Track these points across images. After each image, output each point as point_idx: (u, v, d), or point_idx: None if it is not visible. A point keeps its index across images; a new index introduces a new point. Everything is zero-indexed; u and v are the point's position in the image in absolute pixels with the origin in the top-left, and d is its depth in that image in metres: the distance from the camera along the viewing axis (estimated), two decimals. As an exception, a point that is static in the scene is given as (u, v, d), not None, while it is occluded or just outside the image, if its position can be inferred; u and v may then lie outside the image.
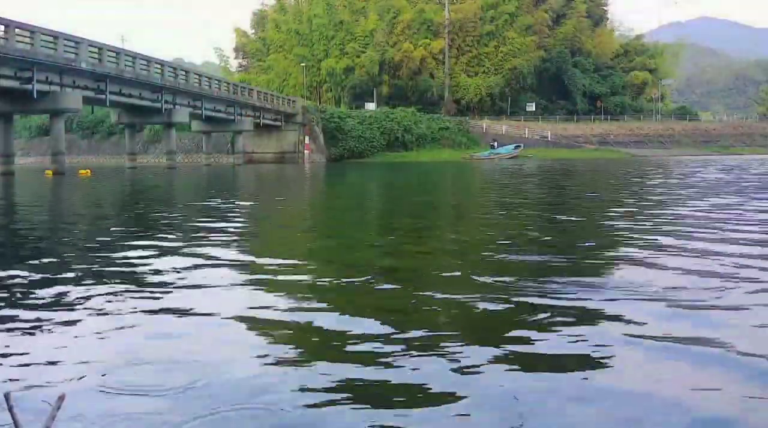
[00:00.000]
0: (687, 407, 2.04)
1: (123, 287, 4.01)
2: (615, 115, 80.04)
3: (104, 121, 61.38)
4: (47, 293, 3.86)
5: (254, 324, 3.13)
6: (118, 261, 5.08)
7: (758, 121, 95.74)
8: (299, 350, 2.71)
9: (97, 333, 3.00)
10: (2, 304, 3.60)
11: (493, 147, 62.49)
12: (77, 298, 3.71)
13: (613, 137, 73.59)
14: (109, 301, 3.62)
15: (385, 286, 3.98)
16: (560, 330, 2.90)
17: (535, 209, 10.03)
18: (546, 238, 6.27)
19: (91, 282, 4.21)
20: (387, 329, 2.98)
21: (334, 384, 2.27)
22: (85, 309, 3.47)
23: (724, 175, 20.62)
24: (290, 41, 77.99)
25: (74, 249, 6.09)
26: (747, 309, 3.22)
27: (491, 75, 75.92)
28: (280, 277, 4.34)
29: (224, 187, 18.93)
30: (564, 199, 12.64)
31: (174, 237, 6.63)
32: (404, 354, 2.58)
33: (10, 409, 1.21)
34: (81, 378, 2.38)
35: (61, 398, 1.26)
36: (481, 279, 4.07)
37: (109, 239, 6.68)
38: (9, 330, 3.06)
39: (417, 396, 2.18)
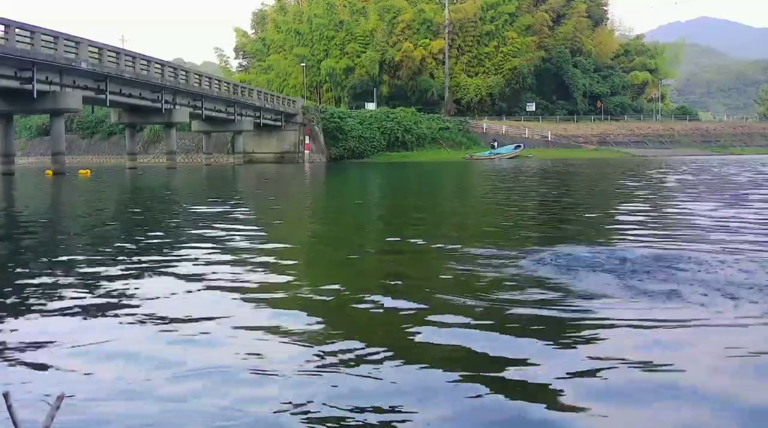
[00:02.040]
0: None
1: (121, 288, 4.01)
2: (615, 115, 79.83)
3: (104, 121, 61.21)
4: (44, 295, 3.87)
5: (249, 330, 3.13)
6: (113, 263, 5.09)
7: (758, 121, 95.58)
8: (295, 362, 2.72)
9: (96, 333, 3.00)
10: (1, 305, 3.61)
11: (493, 147, 62.32)
12: (74, 299, 3.72)
13: (613, 137, 73.43)
14: (106, 303, 3.62)
15: (385, 301, 3.98)
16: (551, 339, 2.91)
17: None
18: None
19: (88, 282, 4.21)
20: (388, 339, 2.99)
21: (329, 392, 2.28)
22: (82, 310, 3.47)
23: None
24: (290, 41, 77.87)
25: (68, 249, 6.09)
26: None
27: (491, 75, 75.74)
28: (278, 290, 4.35)
29: (222, 188, 18.91)
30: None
31: (165, 239, 6.63)
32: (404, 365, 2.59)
33: (9, 408, 1.21)
34: (80, 378, 2.39)
35: (60, 398, 1.26)
36: (478, 288, 4.07)
37: (103, 239, 6.68)
38: (8, 330, 3.06)
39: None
